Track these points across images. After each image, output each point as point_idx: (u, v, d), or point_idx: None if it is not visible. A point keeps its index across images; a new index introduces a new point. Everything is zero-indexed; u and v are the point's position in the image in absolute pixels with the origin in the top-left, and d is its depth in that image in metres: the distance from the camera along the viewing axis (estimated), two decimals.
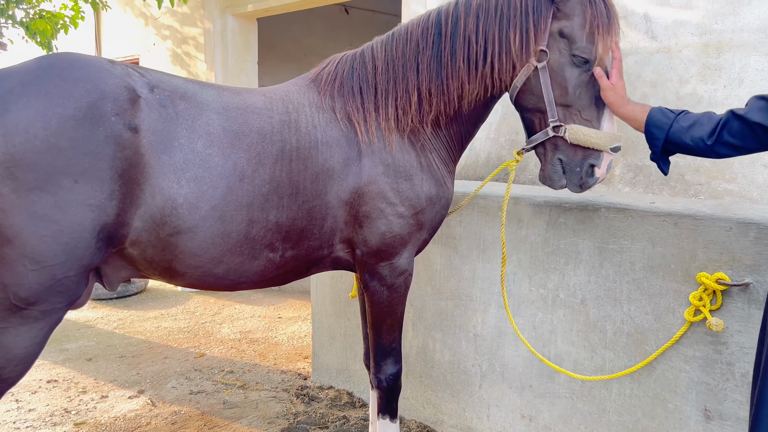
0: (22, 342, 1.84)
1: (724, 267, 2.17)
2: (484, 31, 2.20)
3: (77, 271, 1.83)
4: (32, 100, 1.73)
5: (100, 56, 3.75)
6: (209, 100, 2.09)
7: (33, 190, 1.71)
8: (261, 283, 2.30)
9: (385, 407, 2.59)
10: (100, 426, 3.35)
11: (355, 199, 2.29)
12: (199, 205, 1.97)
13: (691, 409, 2.30)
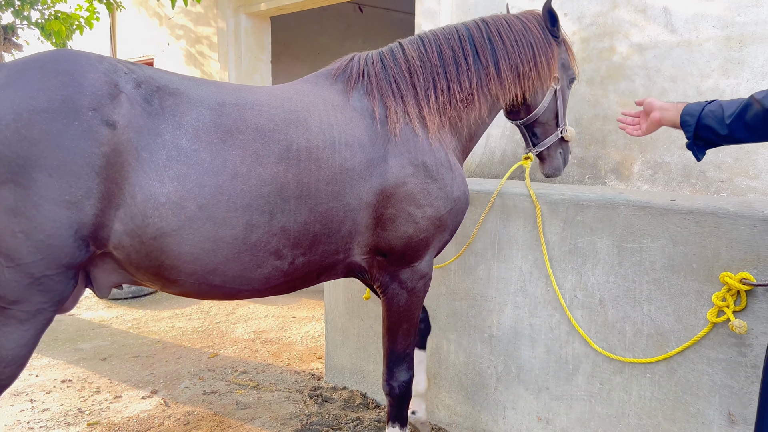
0: (8, 343, 1.79)
1: (748, 266, 2.10)
2: (518, 51, 2.55)
3: (57, 270, 1.77)
4: (9, 92, 1.69)
5: (110, 56, 3.71)
6: (204, 96, 2.00)
7: (5, 183, 1.66)
8: (264, 292, 2.20)
9: (396, 414, 2.55)
10: (114, 426, 3.34)
11: (379, 201, 2.23)
12: (184, 205, 1.87)
13: (714, 413, 2.23)
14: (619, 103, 3.32)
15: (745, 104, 1.79)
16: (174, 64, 6.74)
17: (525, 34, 2.57)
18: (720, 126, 1.86)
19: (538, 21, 2.65)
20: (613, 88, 3.35)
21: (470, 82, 2.46)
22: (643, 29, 3.22)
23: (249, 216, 1.96)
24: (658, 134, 3.19)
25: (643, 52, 3.23)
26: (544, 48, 2.60)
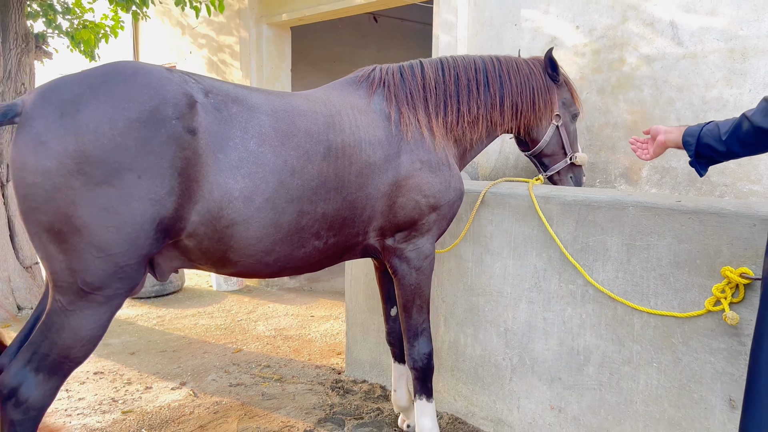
0: (88, 324, 2.02)
1: (747, 262, 2.27)
2: (524, 94, 3.00)
3: (137, 259, 2.00)
4: (101, 103, 1.90)
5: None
6: (259, 103, 2.28)
7: (100, 185, 1.88)
8: (303, 269, 2.52)
9: (421, 387, 2.80)
10: (146, 414, 3.53)
11: (393, 190, 2.59)
12: (253, 198, 2.16)
13: (716, 399, 2.39)
14: (629, 111, 3.50)
15: (737, 122, 1.99)
16: (196, 71, 6.97)
17: (529, 78, 3.00)
18: (718, 143, 2.06)
19: (542, 66, 3.08)
20: (622, 97, 3.53)
21: (477, 108, 2.88)
22: (651, 42, 3.41)
23: (301, 205, 2.28)
24: None
25: (651, 64, 3.41)
26: (544, 91, 3.05)
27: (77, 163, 1.85)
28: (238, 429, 3.31)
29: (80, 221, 1.88)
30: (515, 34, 3.98)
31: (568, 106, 3.18)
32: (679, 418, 2.50)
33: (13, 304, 5.54)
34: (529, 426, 3.03)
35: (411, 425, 3.23)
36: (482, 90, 2.89)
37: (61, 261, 1.92)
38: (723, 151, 2.07)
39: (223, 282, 6.35)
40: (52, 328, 2.00)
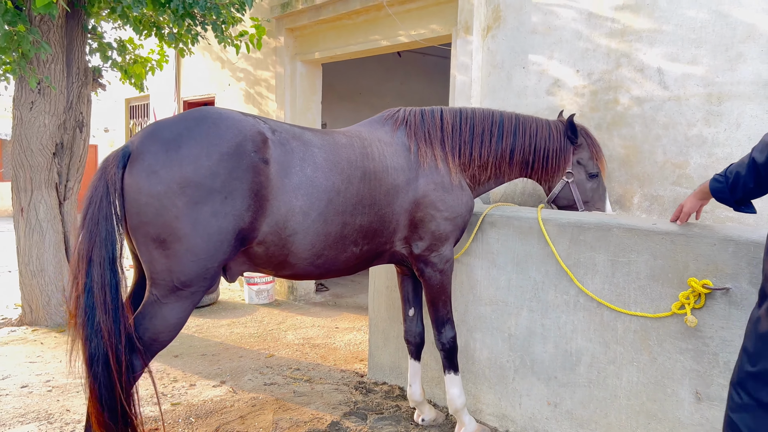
0: (175, 314, 2.54)
1: (709, 275, 2.71)
2: (536, 150, 3.47)
3: (219, 263, 2.54)
4: (197, 141, 2.46)
5: (225, 107, 4.54)
6: (311, 139, 2.85)
7: (198, 204, 2.42)
8: (343, 271, 3.07)
9: (449, 364, 3.41)
10: (193, 406, 4.02)
11: (413, 207, 3.15)
12: (309, 213, 2.72)
13: (686, 392, 2.81)
14: (622, 146, 3.96)
15: (748, 165, 2.24)
16: (234, 103, 7.58)
17: (547, 140, 3.47)
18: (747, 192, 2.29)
19: (557, 127, 3.52)
20: (616, 133, 4.00)
21: (488, 156, 3.39)
22: (641, 85, 3.88)
23: (344, 218, 2.85)
24: (654, 172, 3.82)
25: (641, 104, 3.88)
26: (558, 151, 3.48)
27: (181, 187, 2.39)
28: (274, 419, 3.78)
29: (181, 232, 2.41)
30: (523, 75, 4.48)
31: (584, 164, 3.53)
32: (656, 409, 2.91)
33: (66, 312, 6.09)
34: (529, 420, 3.46)
35: (425, 419, 3.67)
36: (494, 141, 3.39)
37: (162, 264, 2.45)
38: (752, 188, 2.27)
39: (255, 296, 6.86)
40: (146, 316, 2.52)
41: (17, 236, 6.07)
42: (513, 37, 4.55)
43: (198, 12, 5.42)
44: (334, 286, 7.92)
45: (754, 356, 1.96)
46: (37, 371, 4.66)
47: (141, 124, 10.08)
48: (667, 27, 3.75)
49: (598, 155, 3.56)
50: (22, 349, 5.23)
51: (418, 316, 3.62)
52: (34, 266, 5.98)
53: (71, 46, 5.98)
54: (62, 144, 6.10)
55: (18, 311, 6.59)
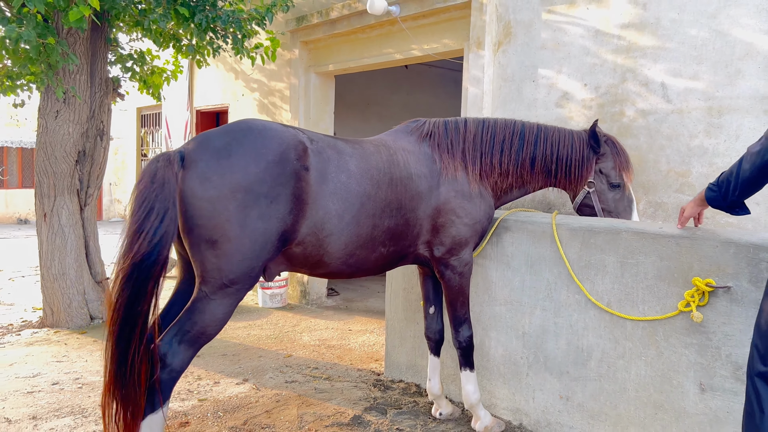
0: (222, 309, 2.75)
1: (712, 275, 2.93)
2: (558, 160, 3.59)
3: (263, 263, 2.76)
4: (246, 150, 2.68)
5: (257, 118, 4.78)
6: (344, 148, 3.08)
7: (247, 207, 2.64)
8: (372, 271, 3.29)
9: (465, 361, 3.62)
10: (219, 402, 4.21)
11: (435, 213, 3.38)
12: (344, 216, 2.95)
13: (690, 384, 3.02)
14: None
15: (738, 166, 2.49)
16: (247, 112, 7.81)
17: (570, 150, 3.58)
18: (728, 192, 2.55)
19: (580, 137, 3.61)
20: (623, 144, 4.23)
21: (508, 164, 3.56)
22: (646, 99, 4.12)
23: (374, 220, 3.07)
24: (658, 180, 4.05)
25: (646, 117, 4.12)
26: (580, 162, 3.57)
27: (232, 192, 2.61)
28: (299, 413, 3.98)
29: (231, 234, 2.63)
30: (533, 88, 4.72)
31: (606, 174, 3.59)
32: (662, 400, 3.12)
33: (87, 315, 6.28)
34: (542, 413, 3.66)
35: (443, 413, 3.87)
36: (515, 150, 3.56)
37: (213, 263, 2.66)
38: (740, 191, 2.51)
39: (269, 299, 7.06)
40: (195, 311, 2.72)
41: (39, 240, 6.26)
42: (523, 52, 4.80)
43: (219, 26, 5.65)
44: (344, 291, 8.13)
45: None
46: (65, 370, 4.85)
47: (152, 133, 10.31)
48: (670, 44, 3.99)
49: (622, 165, 3.58)
50: (47, 349, 5.42)
51: (438, 313, 3.83)
52: (56, 270, 6.17)
53: (95, 57, 6.21)
54: (84, 152, 6.32)
55: (36, 314, 6.77)
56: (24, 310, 7.05)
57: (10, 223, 19.35)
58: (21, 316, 6.72)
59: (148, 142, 10.46)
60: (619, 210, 3.59)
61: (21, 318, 6.64)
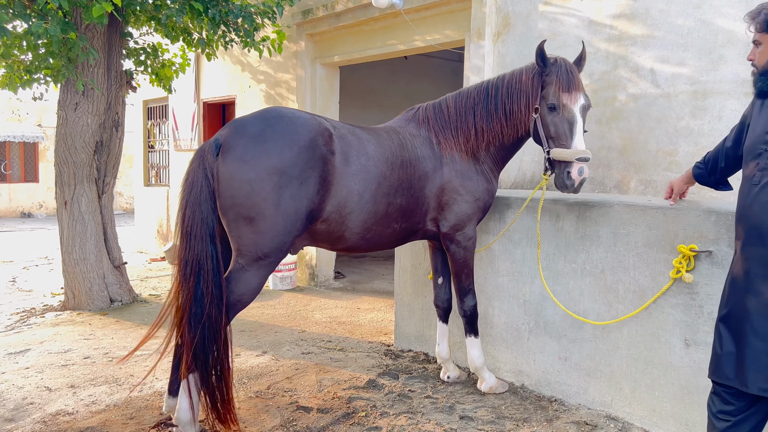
0: (256, 280, 3.07)
1: (695, 241, 3.24)
2: (510, 99, 3.61)
3: (293, 238, 3.06)
4: (280, 135, 2.98)
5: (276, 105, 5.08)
6: (361, 134, 3.40)
7: (281, 188, 2.94)
8: (386, 245, 3.62)
9: (470, 329, 3.94)
10: (242, 371, 4.52)
11: (440, 192, 3.69)
12: (364, 194, 3.27)
13: (677, 340, 3.35)
14: (620, 137, 4.51)
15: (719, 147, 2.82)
16: (254, 103, 8.09)
17: (515, 83, 3.58)
18: (715, 170, 2.84)
19: (532, 67, 3.58)
20: (615, 126, 4.54)
21: (481, 120, 3.67)
22: (636, 84, 4.43)
23: (389, 198, 3.38)
24: (648, 159, 4.37)
25: (636, 101, 4.43)
26: (524, 91, 3.53)
27: (268, 174, 2.91)
28: (317, 379, 4.30)
29: (267, 212, 2.94)
30: None
31: (546, 98, 3.42)
32: (651, 356, 3.45)
33: (107, 297, 6.58)
34: (542, 374, 3.99)
35: (450, 376, 4.20)
36: (482, 106, 3.66)
37: (249, 238, 2.97)
38: (723, 167, 2.80)
39: (279, 282, 7.37)
40: (233, 281, 3.04)
41: (60, 227, 6.55)
42: (521, 42, 5.10)
43: (231, 20, 5.93)
44: (350, 274, 8.45)
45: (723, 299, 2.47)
46: (94, 346, 5.16)
47: (159, 125, 10.56)
48: (659, 33, 4.30)
49: (561, 86, 3.38)
50: (73, 329, 5.72)
51: (446, 283, 4.15)
52: (77, 255, 6.47)
53: (111, 51, 6.48)
54: (101, 142, 6.60)
55: (56, 299, 7.07)
56: (43, 296, 7.35)
57: (14, 217, 19.60)
58: (41, 301, 7.01)
59: (154, 135, 10.72)
60: (560, 133, 3.38)
61: (41, 303, 6.93)
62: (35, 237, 14.06)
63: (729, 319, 2.41)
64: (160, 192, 10.35)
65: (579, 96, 3.41)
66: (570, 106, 3.39)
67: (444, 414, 3.68)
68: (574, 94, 3.39)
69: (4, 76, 6.63)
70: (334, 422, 3.56)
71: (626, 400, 3.56)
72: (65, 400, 3.96)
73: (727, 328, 2.41)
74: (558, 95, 3.38)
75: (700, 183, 3.05)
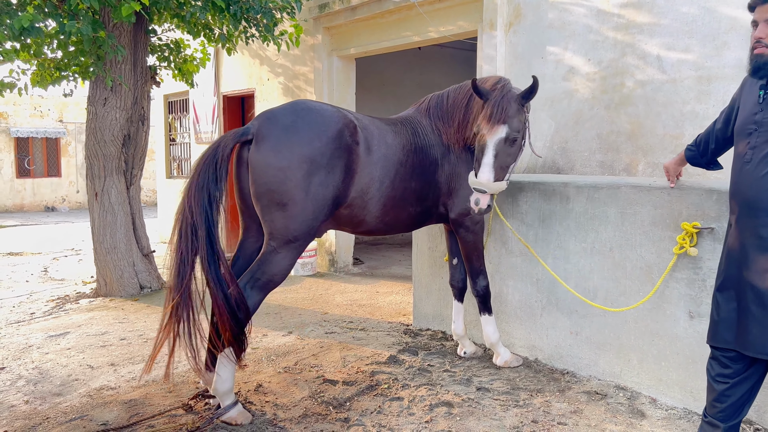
0: (287, 261, 3.31)
1: (698, 218, 3.43)
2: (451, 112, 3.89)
3: (319, 223, 3.30)
4: (311, 127, 3.21)
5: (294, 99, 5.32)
6: (381, 125, 3.64)
7: (311, 176, 3.18)
8: (403, 228, 3.86)
9: (484, 307, 4.12)
10: (270, 349, 4.79)
11: (448, 177, 3.90)
12: (384, 181, 3.50)
13: (681, 313, 3.54)
14: (628, 122, 4.68)
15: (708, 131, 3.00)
16: (273, 96, 8.33)
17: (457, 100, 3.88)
18: (706, 151, 3.02)
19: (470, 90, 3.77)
20: (623, 111, 4.72)
21: (457, 117, 3.87)
22: (644, 70, 4.60)
23: (405, 184, 3.62)
24: (655, 143, 4.55)
25: (644, 87, 4.61)
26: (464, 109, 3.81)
27: (300, 162, 3.15)
28: (341, 356, 4.55)
29: (298, 198, 3.17)
30: (542, 64, 5.21)
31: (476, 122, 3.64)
32: (657, 328, 3.65)
33: (137, 284, 6.89)
34: (555, 348, 4.21)
35: (467, 352, 4.42)
36: (463, 105, 3.85)
37: (281, 222, 3.21)
38: (714, 148, 2.99)
39: (300, 268, 7.63)
40: (265, 262, 3.28)
41: (92, 218, 6.86)
42: (532, 32, 5.28)
43: (252, 16, 6.16)
44: (368, 260, 8.70)
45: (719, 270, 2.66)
46: (129, 329, 5.46)
47: (180, 119, 10.85)
48: (665, 21, 4.47)
49: (482, 118, 3.56)
50: (107, 314, 6.03)
51: (461, 264, 4.37)
52: (108, 244, 6.77)
53: (136, 48, 6.74)
54: (129, 135, 6.88)
55: (87, 287, 7.39)
56: (75, 284, 7.68)
57: (38, 211, 20.10)
58: (74, 289, 7.34)
59: (175, 128, 11.01)
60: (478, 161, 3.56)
61: (74, 290, 7.26)
62: (61, 230, 14.47)
63: (726, 287, 2.60)
64: (182, 184, 10.65)
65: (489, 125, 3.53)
66: (485, 137, 3.52)
67: (462, 386, 3.91)
68: (487, 122, 3.52)
69: (35, 74, 6.93)
70: (358, 393, 3.81)
71: (634, 371, 3.77)
72: (107, 376, 4.25)
73: (724, 297, 2.60)
74: (480, 124, 3.56)
75: (692, 164, 3.22)
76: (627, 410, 3.55)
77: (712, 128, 3.01)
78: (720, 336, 2.60)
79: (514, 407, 3.59)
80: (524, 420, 3.42)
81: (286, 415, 3.52)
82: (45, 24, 6.08)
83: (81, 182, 20.54)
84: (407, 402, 3.67)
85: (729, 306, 2.58)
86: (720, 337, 2.60)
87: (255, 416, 3.48)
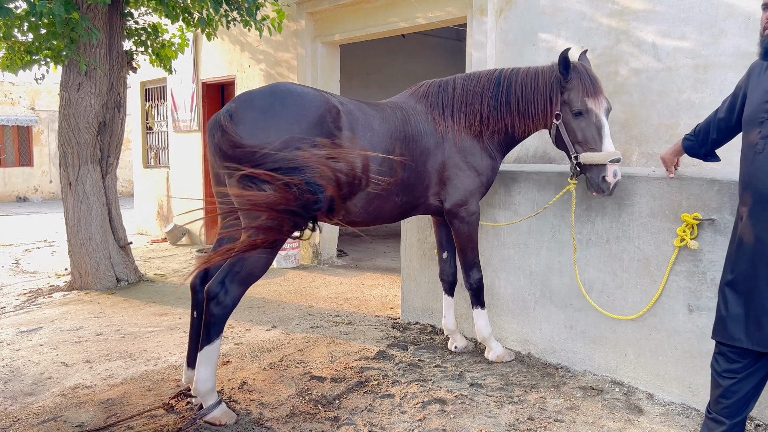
0: (266, 255, 3.12)
1: (699, 210, 3.34)
2: (525, 99, 3.68)
3: (312, 213, 3.08)
4: (290, 110, 3.03)
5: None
6: (367, 110, 3.47)
7: None
8: (387, 219, 3.70)
9: (476, 300, 3.99)
10: (254, 344, 4.62)
11: (441, 167, 3.76)
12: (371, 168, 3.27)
13: (680, 306, 3.46)
14: (622, 111, 4.58)
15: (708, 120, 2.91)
16: (254, 83, 8.10)
17: (534, 84, 3.65)
18: (706, 141, 2.93)
19: (550, 71, 3.66)
20: (617, 100, 4.61)
21: (489, 110, 3.75)
22: (638, 58, 4.50)
23: (391, 173, 3.41)
24: (649, 133, 4.45)
25: (638, 75, 4.50)
26: (543, 94, 3.62)
27: (275, 147, 2.96)
28: (328, 351, 4.40)
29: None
30: (533, 52, 5.08)
31: (569, 103, 3.53)
32: (656, 322, 3.56)
33: (113, 277, 6.65)
34: (548, 342, 4.11)
35: (458, 346, 4.31)
36: (492, 96, 3.73)
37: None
38: (714, 138, 2.91)
39: (283, 260, 7.45)
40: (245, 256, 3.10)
41: (66, 208, 6.60)
42: (523, 18, 5.14)
43: None
44: (353, 251, 8.54)
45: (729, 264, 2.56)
46: (105, 323, 5.24)
47: (157, 107, 10.55)
48: (660, 7, 4.36)
49: (587, 91, 3.50)
50: (82, 308, 5.80)
51: (451, 258, 4.24)
52: (83, 235, 6.52)
53: (112, 31, 6.47)
54: (104, 123, 6.62)
55: (61, 280, 7.13)
56: (48, 276, 7.41)
57: (10, 201, 19.56)
58: (47, 282, 7.08)
59: (153, 116, 10.70)
60: (588, 138, 3.50)
61: (47, 283, 7.00)
62: (33, 221, 14.07)
63: (736, 282, 2.49)
64: (159, 173, 10.37)
65: (603, 100, 3.56)
66: (596, 111, 3.52)
67: (454, 381, 3.79)
68: (599, 99, 3.54)
69: (4, 58, 6.62)
70: (348, 390, 3.66)
71: (631, 366, 3.68)
72: (82, 374, 4.04)
73: (734, 292, 2.50)
74: (582, 99, 3.50)
75: (690, 155, 3.12)
76: (624, 406, 3.46)
77: (713, 117, 2.91)
78: (728, 332, 2.50)
79: (509, 404, 3.47)
80: (520, 417, 3.31)
81: (273, 414, 3.36)
82: (15, 5, 5.79)
83: (54, 172, 20.04)
84: (399, 399, 3.54)
85: (738, 301, 2.48)
86: (728, 333, 2.50)
87: (240, 416, 3.32)
